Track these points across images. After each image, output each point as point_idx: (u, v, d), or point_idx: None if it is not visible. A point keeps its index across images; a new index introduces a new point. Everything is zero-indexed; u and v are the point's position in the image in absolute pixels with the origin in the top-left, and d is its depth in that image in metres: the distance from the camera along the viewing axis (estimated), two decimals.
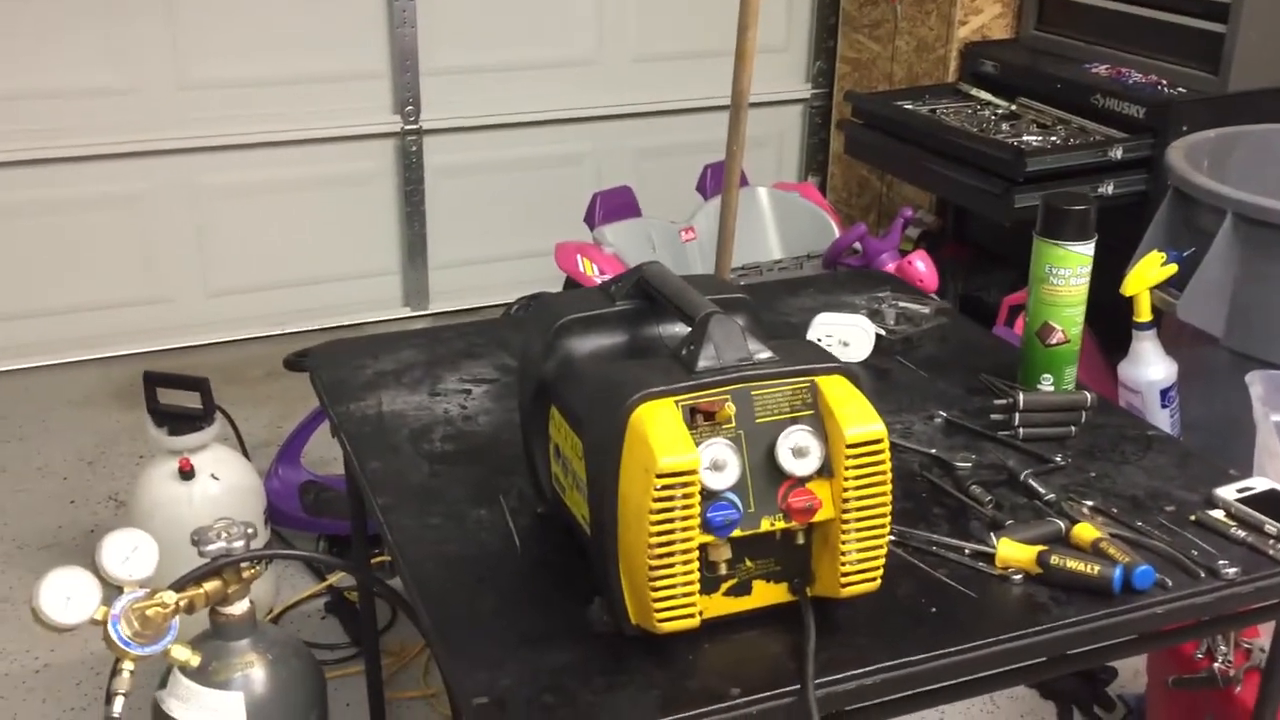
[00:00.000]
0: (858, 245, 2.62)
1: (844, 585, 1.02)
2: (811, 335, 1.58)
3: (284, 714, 1.24)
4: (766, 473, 1.00)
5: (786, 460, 1.00)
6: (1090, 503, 1.25)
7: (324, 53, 3.19)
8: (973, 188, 2.72)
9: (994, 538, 1.16)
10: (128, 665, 1.11)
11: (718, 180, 2.92)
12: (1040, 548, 1.13)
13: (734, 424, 1.00)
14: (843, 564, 1.01)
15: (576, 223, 2.79)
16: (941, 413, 1.44)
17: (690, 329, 1.05)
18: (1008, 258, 2.99)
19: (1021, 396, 1.39)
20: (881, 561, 1.03)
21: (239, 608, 1.23)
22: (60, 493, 2.59)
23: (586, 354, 1.14)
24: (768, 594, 1.05)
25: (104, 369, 3.09)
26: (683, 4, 3.51)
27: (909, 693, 1.03)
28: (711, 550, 1.00)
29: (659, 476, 0.94)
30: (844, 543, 1.01)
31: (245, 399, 2.89)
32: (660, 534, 0.96)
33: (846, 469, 1.00)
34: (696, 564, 0.98)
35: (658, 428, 0.96)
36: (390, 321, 3.39)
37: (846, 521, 1.00)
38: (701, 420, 0.99)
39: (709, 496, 0.98)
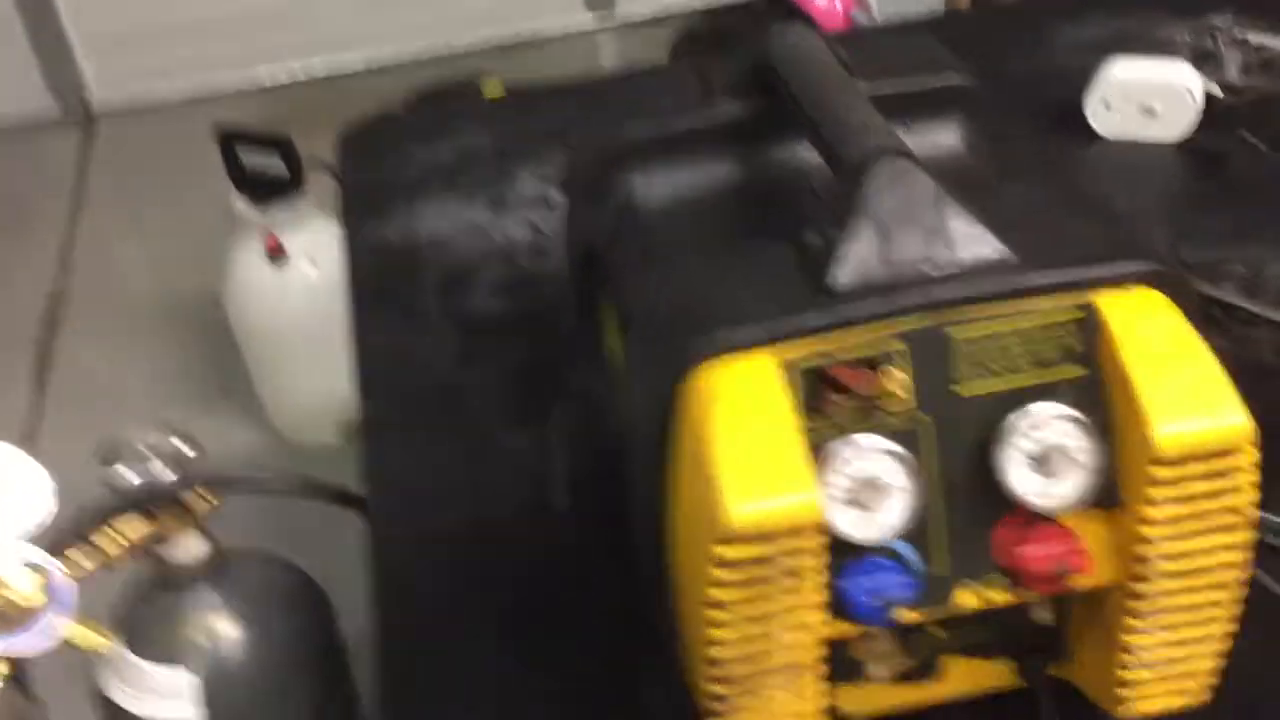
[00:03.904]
0: None
1: (1125, 698, 0.52)
2: (1095, 97, 0.98)
3: (269, 679, 0.88)
4: (972, 493, 0.49)
5: (1016, 473, 0.48)
6: None
7: None
8: None
9: None
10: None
11: None
12: None
13: (908, 402, 0.48)
14: (1125, 669, 0.50)
15: None
16: None
17: (837, 184, 0.51)
18: None
19: None
20: (1214, 663, 0.51)
21: (188, 550, 0.84)
22: (191, 255, 2.31)
23: (662, 205, 0.62)
24: (972, 676, 0.56)
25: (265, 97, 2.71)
26: None
27: None
28: (855, 646, 0.51)
29: (721, 543, 0.45)
30: (1136, 635, 0.49)
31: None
32: (732, 632, 0.47)
33: (1155, 500, 0.47)
34: (817, 670, 0.49)
35: (735, 428, 0.45)
36: (569, 38, 2.85)
37: (1141, 602, 0.48)
38: (836, 398, 0.47)
39: (847, 551, 0.48)
